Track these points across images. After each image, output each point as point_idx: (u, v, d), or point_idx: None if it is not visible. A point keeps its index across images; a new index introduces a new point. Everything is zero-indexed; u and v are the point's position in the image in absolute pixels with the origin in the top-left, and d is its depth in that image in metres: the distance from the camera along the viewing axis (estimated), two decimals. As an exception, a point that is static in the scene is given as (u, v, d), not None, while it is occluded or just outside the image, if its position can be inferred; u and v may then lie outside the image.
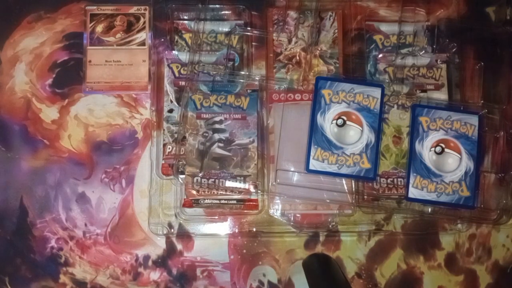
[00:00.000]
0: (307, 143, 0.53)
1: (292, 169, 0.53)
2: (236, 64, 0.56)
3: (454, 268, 0.56)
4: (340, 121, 0.53)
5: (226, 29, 0.57)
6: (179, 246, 0.56)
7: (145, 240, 0.56)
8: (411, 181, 0.53)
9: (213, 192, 0.53)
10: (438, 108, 0.54)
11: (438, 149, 0.53)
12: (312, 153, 0.52)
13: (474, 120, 0.53)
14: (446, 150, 0.53)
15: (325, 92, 0.53)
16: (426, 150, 0.53)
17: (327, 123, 0.53)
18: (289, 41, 0.57)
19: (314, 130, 0.53)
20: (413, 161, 0.53)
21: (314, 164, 0.52)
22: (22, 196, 0.56)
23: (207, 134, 0.54)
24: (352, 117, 0.53)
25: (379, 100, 0.53)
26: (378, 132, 0.53)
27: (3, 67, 0.58)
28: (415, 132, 0.53)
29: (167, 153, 0.55)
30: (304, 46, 0.57)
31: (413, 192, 0.52)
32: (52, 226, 0.55)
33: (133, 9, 0.59)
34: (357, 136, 0.53)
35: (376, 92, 0.53)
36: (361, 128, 0.53)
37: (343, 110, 0.53)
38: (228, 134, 0.54)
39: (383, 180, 0.54)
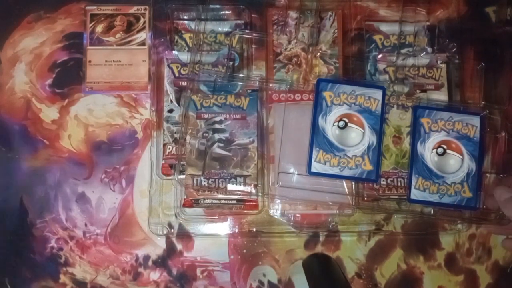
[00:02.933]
0: (309, 146, 0.53)
1: (293, 171, 0.53)
2: (236, 64, 0.56)
3: (454, 268, 0.56)
4: (342, 123, 0.53)
5: (226, 29, 0.57)
6: (179, 246, 0.56)
7: (145, 240, 0.56)
8: (413, 182, 0.52)
9: (213, 192, 0.53)
10: (440, 109, 0.54)
11: (440, 150, 0.53)
12: (314, 156, 0.52)
13: (475, 121, 0.53)
14: (448, 151, 0.53)
15: (326, 94, 0.53)
16: (427, 152, 0.53)
17: (329, 125, 0.53)
18: (289, 41, 0.57)
19: (316, 133, 0.53)
20: (415, 163, 0.53)
21: (316, 167, 0.52)
22: (22, 196, 0.56)
23: (207, 134, 0.54)
24: (354, 119, 0.53)
25: (380, 102, 0.52)
26: (380, 134, 0.53)
27: (3, 67, 0.58)
28: (416, 133, 0.53)
29: (167, 153, 0.55)
30: (304, 46, 0.57)
31: (415, 194, 0.52)
32: (52, 226, 0.55)
33: (133, 9, 0.59)
34: (359, 138, 0.53)
35: (377, 94, 0.53)
36: (363, 130, 0.53)
37: (345, 112, 0.53)
38: (228, 134, 0.54)
39: (383, 180, 0.54)
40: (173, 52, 0.56)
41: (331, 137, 0.52)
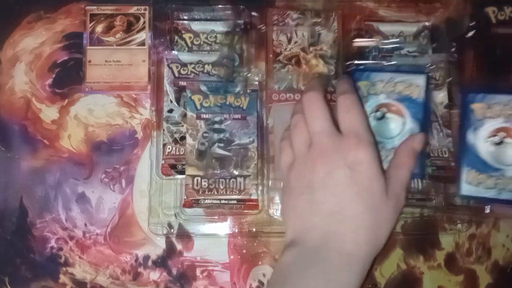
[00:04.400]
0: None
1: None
2: (236, 64, 0.56)
3: (454, 268, 0.56)
4: (379, 114, 0.48)
5: (226, 29, 0.57)
6: (179, 246, 0.56)
7: (145, 240, 0.56)
8: (464, 176, 0.48)
9: (213, 192, 0.53)
10: (493, 92, 0.48)
11: (496, 139, 0.48)
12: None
13: None
14: (506, 140, 0.47)
15: (361, 84, 0.49)
16: (481, 141, 0.48)
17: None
18: (289, 41, 0.57)
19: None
20: (466, 154, 0.48)
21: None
22: (22, 196, 0.56)
23: (207, 134, 0.54)
24: (393, 108, 0.48)
25: (423, 89, 0.47)
26: (423, 123, 0.48)
27: (3, 67, 0.58)
28: (466, 120, 0.48)
29: (167, 153, 0.55)
30: (304, 46, 0.57)
31: (467, 189, 0.48)
32: (52, 226, 0.55)
33: (133, 9, 0.59)
34: (399, 129, 0.48)
35: (420, 80, 0.48)
36: (403, 119, 0.48)
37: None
38: (228, 134, 0.54)
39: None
40: (173, 52, 0.56)
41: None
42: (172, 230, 0.55)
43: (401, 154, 0.45)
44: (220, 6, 0.58)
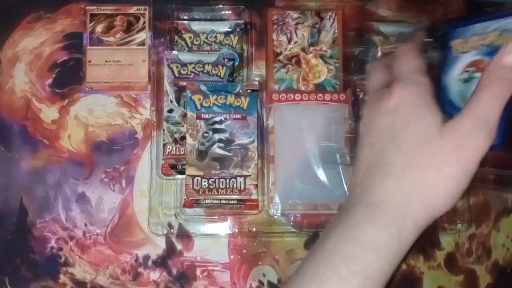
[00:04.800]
0: None
1: (293, 173, 0.53)
2: (236, 64, 0.56)
3: (454, 268, 0.57)
4: (465, 75, 0.38)
5: (226, 29, 0.57)
6: (179, 246, 0.56)
7: (145, 240, 0.56)
8: None
9: (213, 192, 0.53)
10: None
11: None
12: None
13: None
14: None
15: (455, 43, 0.39)
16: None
17: (451, 81, 0.39)
18: (289, 41, 0.57)
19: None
20: None
21: None
22: (22, 196, 0.56)
23: (207, 134, 0.54)
24: (481, 65, 0.37)
25: None
26: None
27: (3, 67, 0.58)
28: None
29: (167, 153, 0.55)
30: (304, 46, 0.57)
31: None
32: (52, 226, 0.55)
33: (133, 9, 0.59)
34: None
35: None
36: None
37: (472, 60, 0.38)
38: (228, 134, 0.54)
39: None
40: (173, 52, 0.56)
41: (451, 95, 0.39)
42: (172, 230, 0.55)
43: (483, 76, 0.34)
44: (220, 6, 0.58)
